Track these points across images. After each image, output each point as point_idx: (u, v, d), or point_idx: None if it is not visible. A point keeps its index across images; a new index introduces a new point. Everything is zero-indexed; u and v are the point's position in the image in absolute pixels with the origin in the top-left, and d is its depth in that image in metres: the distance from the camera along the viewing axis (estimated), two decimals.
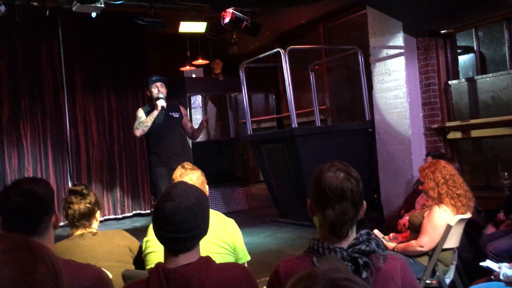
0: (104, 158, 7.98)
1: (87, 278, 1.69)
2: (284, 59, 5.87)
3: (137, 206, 8.24)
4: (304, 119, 7.80)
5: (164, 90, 5.15)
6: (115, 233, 2.45)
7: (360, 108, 6.67)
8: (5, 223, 1.70)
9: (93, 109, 7.97)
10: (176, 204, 1.52)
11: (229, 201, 7.97)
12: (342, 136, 6.14)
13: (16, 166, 7.29)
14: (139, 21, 6.81)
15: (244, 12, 7.20)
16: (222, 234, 2.29)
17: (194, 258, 1.56)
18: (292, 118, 5.92)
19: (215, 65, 8.96)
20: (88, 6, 5.89)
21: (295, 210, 6.24)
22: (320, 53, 7.76)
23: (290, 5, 6.52)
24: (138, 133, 5.08)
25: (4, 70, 7.28)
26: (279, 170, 6.41)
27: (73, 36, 7.75)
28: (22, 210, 1.67)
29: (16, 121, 7.32)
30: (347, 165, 1.60)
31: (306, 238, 5.33)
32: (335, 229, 1.52)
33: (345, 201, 1.51)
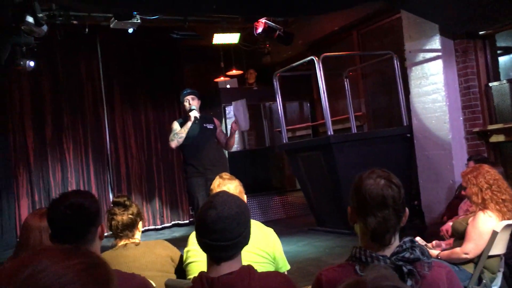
0: (143, 169, 8.15)
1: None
2: (318, 66, 5.86)
3: (176, 217, 8.35)
4: (340, 126, 7.74)
5: (196, 102, 5.22)
6: (157, 243, 2.49)
7: (397, 113, 6.57)
8: (54, 234, 1.77)
9: (131, 122, 8.16)
10: (218, 212, 1.54)
11: (266, 210, 7.97)
12: (379, 143, 6.05)
13: (60, 180, 7.54)
14: (174, 35, 6.96)
15: (277, 21, 7.24)
16: (262, 244, 2.29)
17: (236, 267, 1.57)
18: (327, 125, 5.88)
19: (249, 75, 9.02)
20: (125, 22, 6.07)
21: (333, 218, 6.18)
22: (354, 59, 7.69)
23: (323, 12, 6.51)
24: (174, 144, 5.16)
25: (47, 87, 7.56)
26: (316, 178, 6.37)
27: (111, 51, 7.99)
28: (70, 221, 1.73)
29: (59, 136, 7.59)
30: (388, 172, 1.57)
31: (345, 247, 5.26)
32: (378, 237, 1.50)
33: (387, 208, 1.49)
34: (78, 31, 6.58)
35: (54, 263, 0.81)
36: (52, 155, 7.51)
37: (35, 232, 2.21)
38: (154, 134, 8.32)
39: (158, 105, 8.39)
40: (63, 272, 0.80)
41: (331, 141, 5.79)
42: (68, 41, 6.95)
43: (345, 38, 7.87)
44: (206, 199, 1.64)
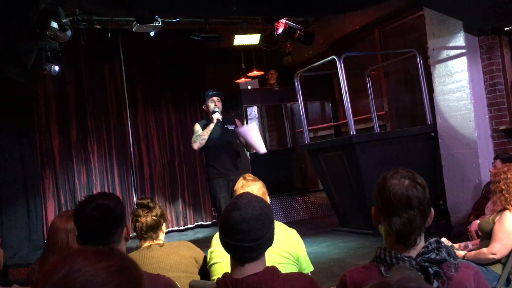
0: (165, 171, 8.22)
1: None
2: (339, 66, 5.82)
3: (199, 218, 8.40)
4: (362, 125, 7.67)
5: (220, 104, 5.24)
6: (181, 244, 2.51)
7: (421, 112, 6.48)
8: (80, 236, 1.80)
9: (154, 124, 8.25)
10: (242, 213, 1.55)
11: (289, 211, 7.95)
12: (403, 142, 5.98)
13: (85, 182, 7.67)
14: (195, 37, 7.00)
15: (297, 21, 7.22)
16: (285, 245, 2.28)
17: (260, 268, 1.57)
18: (349, 125, 5.84)
19: (270, 75, 9.02)
20: (147, 26, 6.14)
21: (357, 219, 6.13)
22: (376, 58, 7.62)
23: (344, 11, 6.46)
24: (196, 146, 5.19)
25: (72, 91, 7.70)
26: (339, 178, 6.33)
27: (133, 54, 8.09)
28: (96, 223, 1.77)
29: (84, 139, 7.72)
30: (412, 171, 1.55)
31: (369, 247, 5.21)
32: (403, 238, 1.48)
33: (412, 209, 1.47)
34: (101, 35, 6.69)
35: (88, 264, 0.83)
36: (77, 157, 7.65)
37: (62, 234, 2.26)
38: (177, 136, 8.39)
39: (180, 107, 8.46)
40: (97, 273, 0.82)
41: (353, 141, 5.74)
42: (91, 45, 7.06)
43: (367, 37, 7.80)
44: (230, 200, 1.64)
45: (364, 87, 7.42)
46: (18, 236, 6.78)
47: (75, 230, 1.90)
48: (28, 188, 7.08)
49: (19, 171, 7.01)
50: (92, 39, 6.77)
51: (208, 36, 7.05)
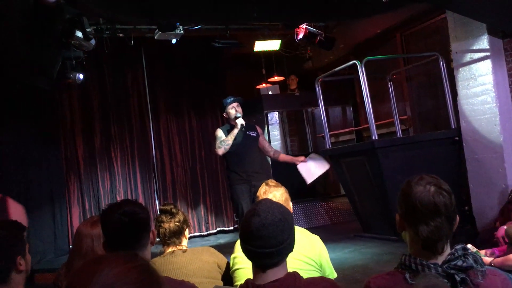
0: (187, 177, 8.28)
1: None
2: (360, 70, 5.78)
3: (221, 223, 8.42)
4: (384, 130, 7.60)
5: (240, 109, 5.25)
6: (204, 250, 2.53)
7: (445, 116, 6.38)
8: (108, 241, 1.83)
9: (176, 130, 8.33)
10: (262, 219, 1.55)
11: (311, 217, 7.91)
12: (426, 146, 5.90)
13: (108, 188, 7.78)
14: (216, 44, 7.06)
15: (318, 26, 7.21)
16: (308, 251, 2.28)
17: (282, 274, 1.57)
18: (371, 129, 5.79)
19: (290, 81, 9.02)
20: (169, 34, 6.22)
21: (380, 224, 6.06)
22: (398, 62, 7.55)
23: (365, 15, 6.44)
24: (221, 151, 5.21)
25: (95, 98, 7.84)
26: (361, 183, 6.27)
27: (155, 62, 8.19)
28: (125, 228, 1.81)
29: (107, 146, 7.84)
30: (437, 177, 1.53)
31: (393, 254, 5.15)
32: (430, 245, 1.46)
33: (439, 216, 1.45)
34: (124, 43, 6.80)
35: (115, 266, 0.89)
36: (101, 164, 7.76)
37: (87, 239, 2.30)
38: (198, 142, 8.45)
39: (201, 113, 8.53)
40: (123, 274, 0.88)
41: (375, 145, 5.69)
42: (114, 53, 7.18)
43: (388, 41, 7.74)
44: (250, 207, 1.65)
45: (386, 91, 7.36)
46: (44, 242, 6.90)
47: (100, 236, 1.93)
48: (54, 194, 7.22)
49: (45, 178, 7.15)
50: (115, 47, 6.89)
51: (228, 43, 7.11)
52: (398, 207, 1.56)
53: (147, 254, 1.88)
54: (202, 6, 5.00)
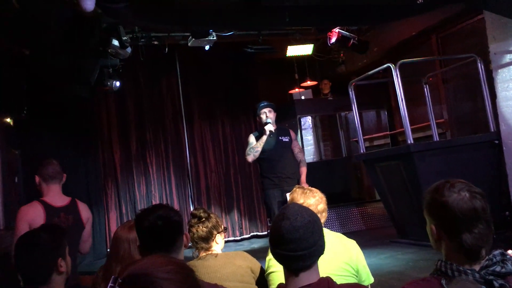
0: (221, 182, 8.34)
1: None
2: (395, 74, 5.70)
3: (254, 228, 8.44)
4: (420, 134, 7.45)
5: (272, 115, 5.25)
6: (237, 255, 2.54)
7: (483, 119, 6.21)
8: (144, 245, 1.87)
9: (210, 136, 8.41)
10: (292, 222, 1.56)
11: (345, 222, 7.83)
12: (464, 150, 5.75)
13: (144, 193, 7.92)
14: (248, 49, 7.11)
15: (351, 30, 7.16)
16: (344, 256, 2.26)
17: (315, 278, 1.57)
18: (407, 133, 5.69)
19: (323, 85, 8.98)
20: (202, 40, 6.31)
21: (416, 230, 5.93)
22: (434, 64, 7.40)
23: (399, 18, 6.34)
24: (250, 158, 5.23)
25: (131, 105, 8.01)
26: (397, 188, 6.17)
27: (189, 68, 8.32)
28: (160, 232, 1.85)
29: (143, 151, 7.99)
30: (465, 181, 1.49)
31: (430, 260, 5.03)
32: (474, 253, 1.42)
33: (480, 221, 1.41)
34: (159, 51, 6.94)
35: (159, 266, 0.93)
36: (137, 169, 7.92)
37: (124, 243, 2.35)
38: (231, 147, 8.51)
39: (234, 118, 8.59)
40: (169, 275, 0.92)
41: (411, 150, 5.59)
42: (149, 60, 7.34)
43: (423, 43, 7.59)
44: (278, 212, 1.66)
45: (422, 95, 7.21)
46: None
47: (136, 240, 1.97)
48: (92, 199, 7.40)
49: (84, 183, 7.35)
50: (150, 54, 7.04)
51: (261, 48, 7.15)
52: (430, 217, 1.51)
53: (181, 257, 1.91)
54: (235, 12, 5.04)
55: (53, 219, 3.10)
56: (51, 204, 3.18)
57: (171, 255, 1.79)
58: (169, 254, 1.80)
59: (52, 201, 3.21)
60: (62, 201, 3.28)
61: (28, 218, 3.04)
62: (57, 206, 3.20)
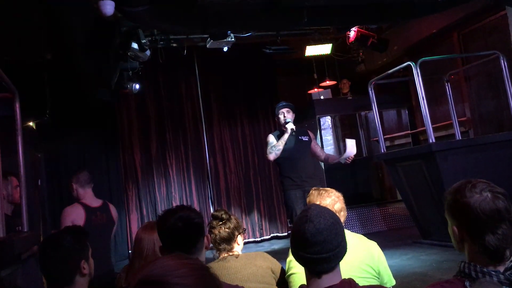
0: (241, 183, 8.35)
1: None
2: (415, 72, 5.63)
3: (275, 229, 8.43)
4: (443, 133, 7.34)
5: (291, 115, 5.23)
6: (257, 255, 2.53)
7: (507, 116, 6.09)
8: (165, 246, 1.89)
9: (229, 137, 8.43)
10: (315, 225, 1.54)
11: (366, 222, 7.76)
12: (488, 149, 5.63)
13: (164, 194, 7.98)
14: (267, 50, 7.11)
15: (370, 28, 7.10)
16: (366, 258, 2.23)
17: (337, 280, 1.55)
18: (428, 132, 5.61)
19: (342, 84, 8.92)
20: (220, 42, 6.33)
21: (440, 231, 5.84)
22: (456, 62, 7.28)
23: (419, 16, 6.26)
24: (272, 157, 5.21)
25: (151, 107, 8.09)
26: (419, 188, 6.08)
27: (208, 70, 8.36)
28: (181, 233, 1.87)
29: (163, 153, 8.06)
30: (487, 181, 1.45)
31: (454, 261, 4.95)
32: (499, 255, 1.39)
33: (504, 222, 1.38)
34: (177, 53, 7.00)
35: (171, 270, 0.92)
36: (157, 171, 7.99)
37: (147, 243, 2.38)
38: (251, 148, 8.51)
39: (253, 119, 8.59)
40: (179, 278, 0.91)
41: (433, 149, 5.50)
42: (168, 63, 7.39)
43: (445, 40, 7.48)
44: (299, 214, 1.64)
45: (443, 93, 7.11)
46: None
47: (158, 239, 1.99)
48: (114, 200, 7.48)
49: (106, 184, 7.46)
50: (169, 57, 7.10)
51: (280, 49, 7.14)
52: (452, 218, 1.48)
53: (202, 258, 1.92)
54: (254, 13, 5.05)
55: (91, 217, 3.72)
56: (89, 205, 3.80)
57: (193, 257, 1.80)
58: (190, 255, 1.81)
59: (89, 203, 3.83)
60: (97, 202, 3.90)
61: (71, 217, 3.62)
62: (93, 206, 3.82)
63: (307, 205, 2.52)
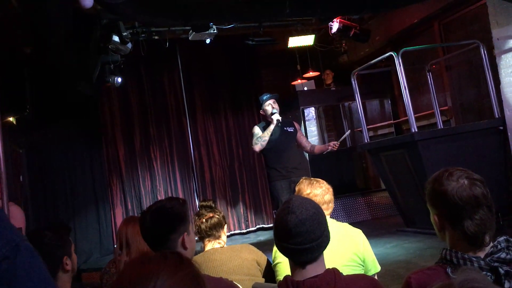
0: (226, 175, 8.35)
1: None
2: (397, 62, 5.67)
3: (260, 221, 8.45)
4: (425, 122, 7.42)
5: (277, 105, 5.25)
6: (243, 248, 2.54)
7: (488, 105, 6.18)
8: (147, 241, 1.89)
9: (213, 129, 8.41)
10: (297, 215, 1.55)
11: (351, 212, 7.83)
12: (469, 137, 5.72)
13: (149, 188, 7.94)
14: (250, 42, 7.09)
15: (352, 19, 7.11)
16: (351, 245, 2.26)
17: (321, 269, 1.57)
18: (411, 122, 5.67)
19: (326, 75, 8.94)
20: (202, 34, 6.29)
21: (423, 218, 5.92)
22: (437, 52, 7.35)
23: (400, 6, 6.29)
24: (257, 148, 5.22)
25: (134, 101, 8.02)
26: (402, 177, 6.15)
27: (190, 62, 8.30)
28: (150, 228, 1.88)
29: (147, 147, 8.00)
30: (464, 169, 1.49)
31: (436, 248, 5.00)
32: (477, 240, 1.42)
33: (481, 207, 1.41)
34: (159, 45, 6.93)
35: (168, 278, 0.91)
36: (141, 165, 7.93)
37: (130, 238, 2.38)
38: (235, 140, 8.50)
39: (237, 111, 8.58)
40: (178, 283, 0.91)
41: (415, 138, 5.57)
42: (151, 55, 7.32)
43: (426, 30, 7.54)
44: (282, 205, 1.65)
45: (425, 82, 7.18)
46: (89, 241, 7.13)
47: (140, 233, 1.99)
48: (98, 195, 7.44)
49: (89, 180, 7.38)
50: (151, 49, 7.03)
51: (262, 40, 7.13)
52: (432, 207, 1.52)
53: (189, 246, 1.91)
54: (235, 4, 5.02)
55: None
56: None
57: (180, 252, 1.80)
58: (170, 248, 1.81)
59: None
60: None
61: None
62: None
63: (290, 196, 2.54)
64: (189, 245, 1.91)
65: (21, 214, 3.38)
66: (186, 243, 1.89)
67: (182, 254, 1.02)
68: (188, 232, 1.92)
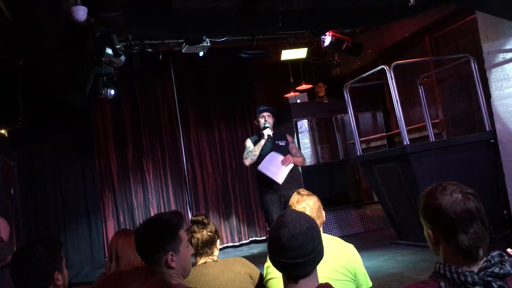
0: (219, 188, 8.32)
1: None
2: (389, 75, 5.72)
3: (253, 233, 8.41)
4: (417, 134, 7.47)
5: (271, 119, 5.26)
6: (235, 261, 2.53)
7: (479, 118, 6.23)
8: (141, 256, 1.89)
9: (206, 141, 8.39)
10: (290, 230, 1.55)
11: (344, 225, 7.82)
12: (460, 150, 5.76)
13: (142, 200, 7.89)
14: (243, 54, 7.12)
15: (344, 33, 7.18)
16: (342, 260, 2.25)
17: (314, 284, 1.56)
18: (403, 135, 5.70)
19: (318, 88, 8.99)
20: (196, 47, 6.31)
21: (416, 231, 5.93)
22: (428, 65, 7.42)
23: (391, 20, 6.36)
24: (247, 162, 5.22)
25: (127, 113, 8.00)
26: (394, 190, 6.17)
27: (184, 75, 8.31)
28: (140, 247, 1.92)
29: (140, 159, 7.96)
30: (457, 183, 1.49)
31: (429, 261, 5.02)
32: (471, 254, 1.42)
33: (475, 221, 1.42)
34: (153, 58, 6.94)
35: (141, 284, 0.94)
36: (133, 177, 7.89)
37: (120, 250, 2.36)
38: (228, 152, 8.49)
39: (230, 123, 8.58)
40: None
41: (407, 151, 5.59)
42: (144, 68, 7.32)
43: (417, 44, 7.63)
44: (276, 219, 1.64)
45: (417, 95, 7.24)
46: (81, 255, 7.06)
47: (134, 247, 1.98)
48: (89, 208, 7.39)
49: (81, 192, 7.34)
50: (145, 62, 7.04)
51: (255, 53, 7.16)
52: (426, 221, 1.51)
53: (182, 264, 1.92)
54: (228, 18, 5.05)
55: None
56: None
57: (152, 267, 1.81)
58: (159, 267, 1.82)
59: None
60: None
61: None
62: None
63: (284, 210, 2.54)
64: (178, 264, 1.90)
65: (5, 226, 3.37)
66: (170, 262, 1.88)
67: (153, 268, 1.06)
68: (177, 251, 1.91)
